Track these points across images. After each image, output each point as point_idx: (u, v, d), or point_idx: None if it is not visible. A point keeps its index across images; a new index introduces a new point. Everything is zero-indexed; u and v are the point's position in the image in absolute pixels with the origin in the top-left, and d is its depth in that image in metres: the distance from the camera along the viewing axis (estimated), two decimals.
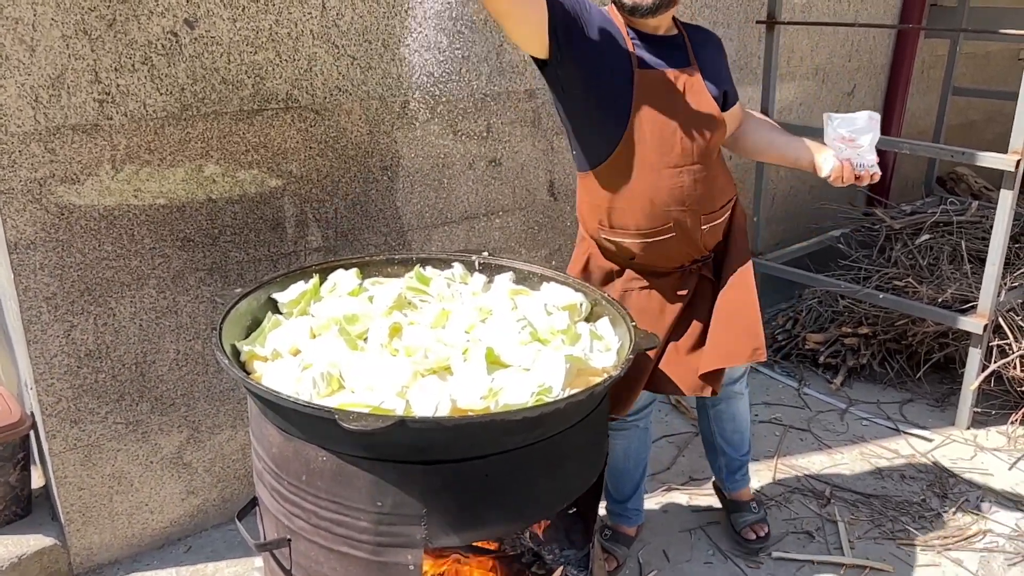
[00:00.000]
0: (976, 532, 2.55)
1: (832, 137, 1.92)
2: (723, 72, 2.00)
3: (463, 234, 2.81)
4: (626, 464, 2.30)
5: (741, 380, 2.33)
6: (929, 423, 3.18)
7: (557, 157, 3.02)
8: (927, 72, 4.93)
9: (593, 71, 1.80)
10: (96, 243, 2.04)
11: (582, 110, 1.86)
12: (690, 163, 1.87)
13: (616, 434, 2.24)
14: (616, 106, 1.81)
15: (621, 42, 1.83)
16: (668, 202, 1.87)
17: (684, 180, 1.87)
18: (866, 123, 1.88)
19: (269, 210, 2.30)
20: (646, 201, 1.87)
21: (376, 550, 1.50)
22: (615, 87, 1.81)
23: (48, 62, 1.87)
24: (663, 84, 1.84)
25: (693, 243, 1.95)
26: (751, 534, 2.43)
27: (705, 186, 1.91)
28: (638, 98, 1.81)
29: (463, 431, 1.44)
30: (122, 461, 2.23)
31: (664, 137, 1.84)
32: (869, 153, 1.90)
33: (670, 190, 1.87)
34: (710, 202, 1.94)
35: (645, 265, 1.98)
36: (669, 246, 1.93)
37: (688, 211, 1.90)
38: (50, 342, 2.03)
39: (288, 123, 2.27)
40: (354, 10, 2.31)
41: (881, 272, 3.60)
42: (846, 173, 1.90)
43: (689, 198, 1.89)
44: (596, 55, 1.79)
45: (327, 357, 1.61)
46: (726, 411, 2.37)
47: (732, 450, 2.43)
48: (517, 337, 1.69)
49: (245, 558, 2.33)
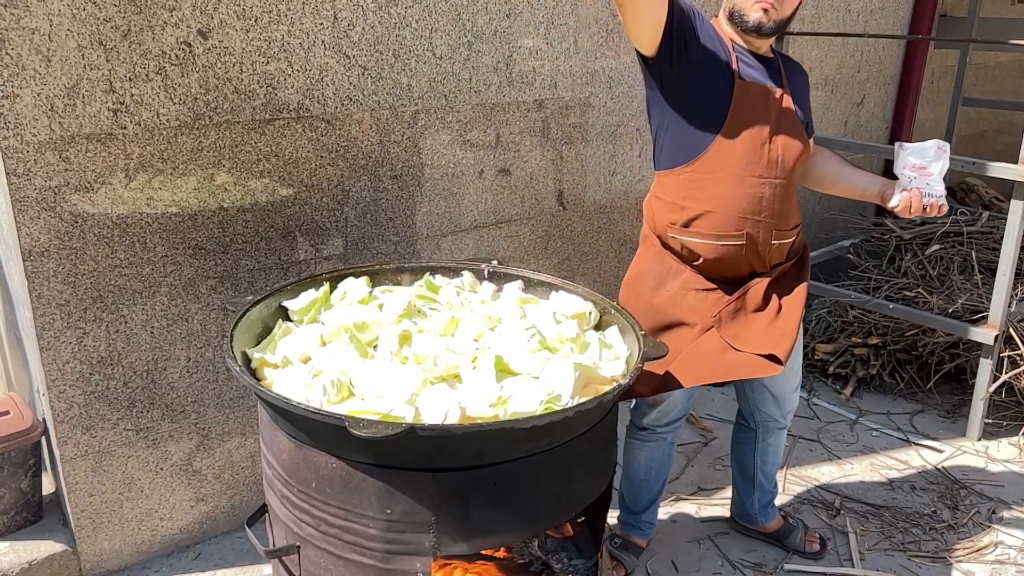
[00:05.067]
0: (987, 544, 2.53)
1: (903, 165, 1.95)
2: (807, 104, 2.06)
3: (472, 243, 2.82)
4: (647, 476, 2.29)
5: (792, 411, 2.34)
6: (940, 434, 3.17)
7: (566, 167, 3.03)
8: (937, 83, 4.92)
9: (697, 75, 1.85)
10: (109, 251, 2.05)
11: (679, 109, 1.89)
12: (773, 176, 1.91)
13: (642, 445, 2.24)
14: (714, 110, 1.86)
15: (725, 53, 1.89)
16: (746, 210, 1.90)
17: (765, 192, 1.91)
18: (935, 152, 1.91)
19: (280, 219, 2.32)
20: (725, 206, 1.90)
21: (385, 557, 1.50)
22: (715, 92, 1.86)
23: (63, 72, 1.89)
24: (760, 97, 1.89)
25: (760, 256, 1.97)
26: (815, 544, 2.45)
27: (782, 203, 1.95)
28: (735, 106, 1.86)
29: (472, 439, 1.45)
30: (132, 467, 2.24)
31: (754, 147, 1.88)
32: (938, 183, 1.93)
33: (750, 199, 1.90)
34: (783, 219, 1.98)
35: (707, 269, 1.99)
36: (736, 254, 1.94)
37: (762, 223, 1.93)
38: (62, 349, 2.04)
39: (299, 132, 2.29)
40: (365, 21, 2.33)
41: (891, 282, 3.59)
42: (915, 202, 1.94)
43: (767, 210, 1.92)
44: (703, 60, 1.85)
45: (337, 364, 1.62)
46: (774, 444, 2.37)
47: (767, 483, 2.43)
48: (526, 345, 1.69)
49: (254, 565, 2.34)
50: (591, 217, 3.21)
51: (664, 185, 1.98)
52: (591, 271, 3.30)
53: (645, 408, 2.17)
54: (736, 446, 2.43)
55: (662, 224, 1.99)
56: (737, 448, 2.43)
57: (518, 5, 2.69)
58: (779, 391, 2.23)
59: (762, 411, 2.29)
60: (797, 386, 2.27)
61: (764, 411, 2.28)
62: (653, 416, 2.16)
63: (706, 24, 1.89)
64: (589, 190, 3.15)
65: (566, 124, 2.98)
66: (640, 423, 2.21)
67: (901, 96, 4.57)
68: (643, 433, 2.22)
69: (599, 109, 3.07)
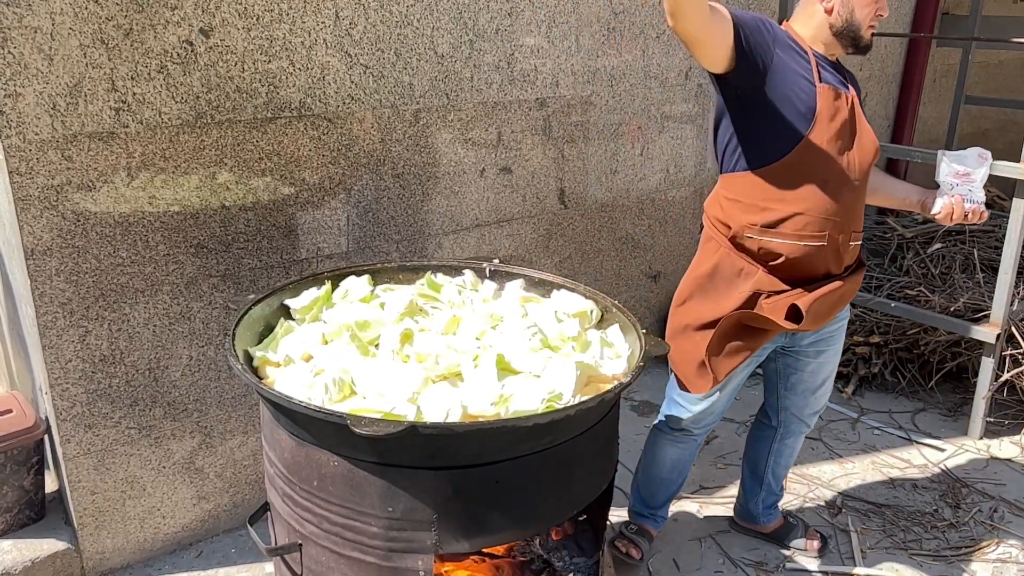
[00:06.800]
0: (989, 543, 2.53)
1: (947, 173, 1.99)
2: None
3: (474, 241, 2.82)
4: (671, 475, 2.31)
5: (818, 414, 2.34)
6: (941, 433, 3.16)
7: (568, 165, 3.03)
8: (939, 81, 4.92)
9: (779, 81, 1.86)
10: (111, 249, 2.06)
11: (759, 115, 1.90)
12: (853, 178, 1.93)
13: (674, 444, 2.25)
14: (798, 115, 1.87)
15: (805, 59, 1.91)
16: (829, 211, 1.91)
17: (845, 193, 1.92)
18: (976, 159, 1.97)
19: (282, 217, 2.32)
20: (812, 208, 1.91)
21: (387, 555, 1.51)
22: (799, 97, 1.87)
23: (66, 71, 1.89)
24: (839, 101, 1.91)
25: (838, 256, 1.98)
26: (816, 543, 2.45)
27: (858, 205, 1.98)
28: (819, 110, 1.87)
29: (474, 437, 1.45)
30: (135, 466, 2.25)
31: (838, 149, 1.90)
32: (979, 190, 1.97)
33: (833, 201, 1.91)
34: (857, 221, 2.00)
35: (784, 270, 1.98)
36: (816, 255, 1.95)
37: (842, 224, 1.94)
38: (65, 347, 2.05)
39: (301, 131, 2.29)
40: (367, 19, 2.34)
41: (893, 281, 3.59)
42: (956, 209, 1.98)
43: (849, 212, 1.95)
44: (784, 67, 1.86)
45: (339, 363, 1.62)
46: (791, 445, 2.37)
47: (775, 483, 2.43)
48: (528, 344, 1.69)
49: (256, 563, 2.34)
50: (593, 216, 3.21)
51: (740, 187, 1.97)
52: (592, 270, 3.30)
53: (686, 408, 2.16)
54: (752, 444, 2.43)
55: (739, 225, 1.97)
56: (752, 445, 2.43)
57: (519, 3, 2.69)
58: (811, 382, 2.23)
59: (788, 409, 2.29)
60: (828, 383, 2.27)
61: (791, 408, 2.29)
62: (694, 416, 2.16)
63: (780, 30, 1.91)
64: (591, 189, 3.16)
65: (568, 123, 2.98)
66: (678, 424, 2.20)
67: (903, 94, 4.56)
68: (678, 433, 2.23)
69: (601, 107, 3.07)
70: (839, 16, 1.91)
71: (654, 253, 3.56)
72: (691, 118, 3.47)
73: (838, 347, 2.21)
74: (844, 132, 1.91)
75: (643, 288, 3.58)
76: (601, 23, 2.96)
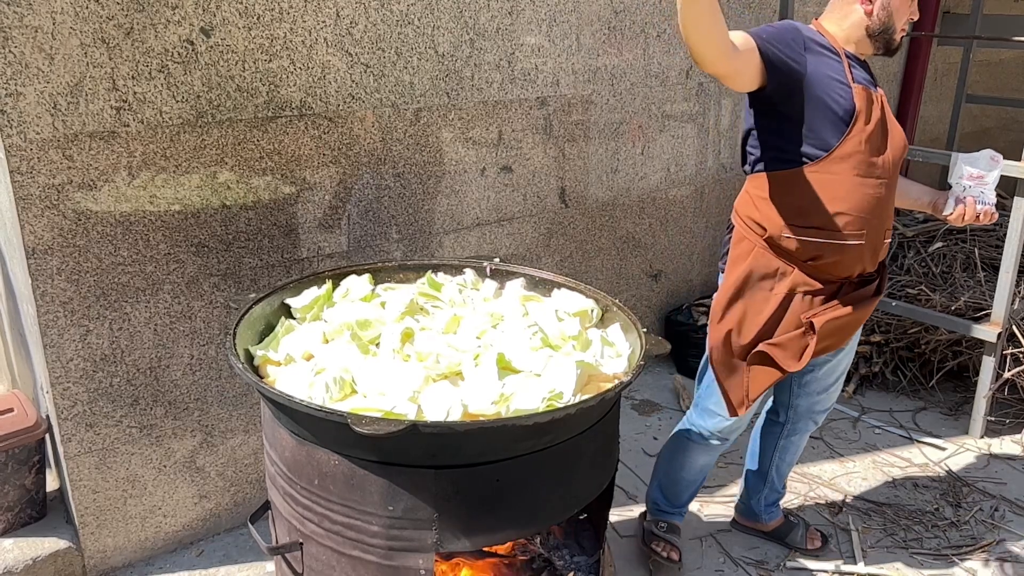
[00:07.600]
0: (990, 541, 2.53)
1: (960, 175, 2.00)
2: None
3: (475, 240, 2.82)
4: (697, 476, 2.32)
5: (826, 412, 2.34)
6: (942, 432, 3.16)
7: (568, 164, 3.03)
8: (940, 79, 4.92)
9: (814, 87, 1.86)
10: (112, 249, 2.06)
11: (795, 116, 1.89)
12: (888, 176, 1.94)
13: (705, 450, 2.25)
14: (835, 116, 1.87)
15: (836, 59, 1.91)
16: (866, 209, 1.92)
17: (881, 192, 1.93)
18: (988, 162, 1.99)
19: (283, 216, 2.32)
20: (851, 207, 1.91)
21: (387, 554, 1.51)
22: (834, 98, 1.87)
23: (67, 70, 1.89)
24: (871, 99, 1.91)
25: (874, 254, 1.99)
26: (816, 541, 2.46)
27: (891, 202, 1.99)
28: (859, 109, 1.88)
29: (474, 436, 1.45)
30: (136, 465, 2.25)
31: (874, 147, 1.91)
32: (991, 192, 1.99)
33: (870, 199, 1.92)
34: (890, 219, 2.02)
35: (820, 269, 1.98)
36: (853, 252, 1.95)
37: (877, 222, 1.95)
38: (66, 346, 2.05)
39: (302, 130, 2.29)
40: (367, 18, 2.34)
41: (894, 280, 3.59)
42: (969, 210, 1.99)
43: (884, 210, 1.96)
44: (817, 73, 1.86)
45: (340, 362, 1.63)
46: (796, 443, 2.37)
47: (778, 482, 2.43)
48: (528, 343, 1.69)
49: (257, 562, 2.35)
50: (593, 215, 3.21)
51: (777, 187, 1.96)
52: (593, 269, 3.30)
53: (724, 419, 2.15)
54: (758, 439, 2.44)
55: (776, 225, 1.96)
56: (758, 441, 2.43)
57: (520, 2, 2.69)
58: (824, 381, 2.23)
59: (798, 407, 2.29)
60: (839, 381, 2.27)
61: (801, 406, 2.29)
62: (731, 425, 2.16)
63: (809, 33, 1.90)
64: (591, 188, 3.15)
65: (568, 121, 2.98)
66: (713, 431, 2.19)
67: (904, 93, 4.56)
68: (713, 442, 2.22)
69: (601, 106, 3.07)
70: (878, 18, 1.91)
71: (655, 252, 3.56)
72: (692, 117, 3.47)
73: (852, 346, 2.22)
74: (879, 130, 1.91)
75: (644, 287, 3.58)
76: (602, 22, 2.96)
